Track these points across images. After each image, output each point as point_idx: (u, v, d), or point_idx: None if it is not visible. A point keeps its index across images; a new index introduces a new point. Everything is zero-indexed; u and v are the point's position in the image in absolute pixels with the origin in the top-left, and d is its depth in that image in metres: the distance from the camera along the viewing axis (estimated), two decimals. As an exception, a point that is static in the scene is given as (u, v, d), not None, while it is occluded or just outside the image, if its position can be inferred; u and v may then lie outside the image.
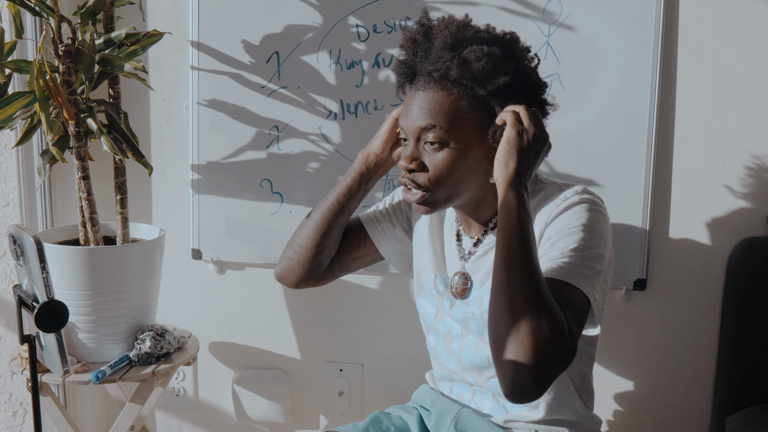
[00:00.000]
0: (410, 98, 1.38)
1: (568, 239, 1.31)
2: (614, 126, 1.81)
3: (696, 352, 1.89)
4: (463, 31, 1.35)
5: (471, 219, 1.46)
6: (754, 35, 1.75)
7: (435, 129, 1.34)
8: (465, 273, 1.48)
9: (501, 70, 1.33)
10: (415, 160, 1.36)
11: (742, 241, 1.78)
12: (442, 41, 1.35)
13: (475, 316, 1.44)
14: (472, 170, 1.36)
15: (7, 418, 2.13)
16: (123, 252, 1.79)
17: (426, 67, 1.35)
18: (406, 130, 1.38)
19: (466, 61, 1.32)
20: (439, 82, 1.34)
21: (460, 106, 1.34)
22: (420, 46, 1.37)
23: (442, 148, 1.34)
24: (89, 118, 1.75)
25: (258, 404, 2.12)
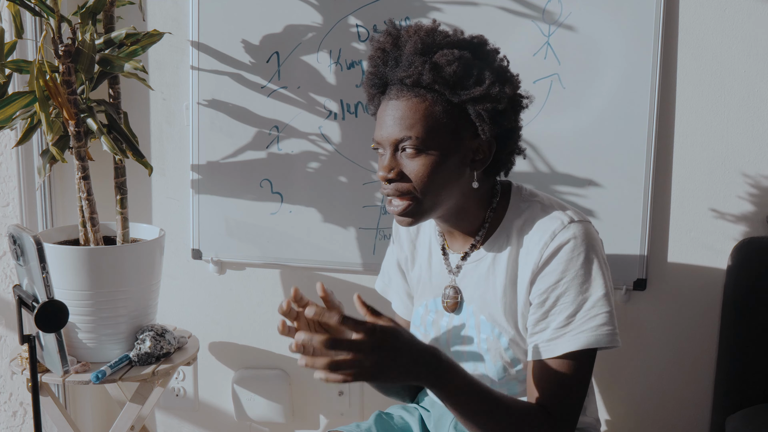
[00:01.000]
0: (383, 109, 1.35)
1: (567, 298, 1.31)
2: (614, 126, 1.81)
3: (696, 352, 1.89)
4: (433, 36, 1.33)
5: (456, 230, 1.43)
6: (754, 35, 1.75)
7: (411, 137, 1.30)
8: (455, 287, 1.45)
9: (472, 75, 1.31)
10: (392, 170, 1.32)
11: (742, 241, 1.78)
12: (412, 47, 1.31)
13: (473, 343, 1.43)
14: (452, 176, 1.34)
15: (7, 418, 2.13)
16: (123, 252, 1.79)
17: (398, 74, 1.32)
18: (381, 141, 1.34)
19: (437, 66, 1.29)
20: (412, 89, 1.31)
21: (434, 112, 1.31)
22: (390, 55, 1.34)
23: (420, 155, 1.31)
24: (89, 118, 1.75)
25: (258, 404, 2.12)
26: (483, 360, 1.42)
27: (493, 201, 1.41)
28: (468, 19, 1.83)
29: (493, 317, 1.40)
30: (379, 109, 1.37)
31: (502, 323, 1.39)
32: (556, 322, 1.32)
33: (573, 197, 1.85)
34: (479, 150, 1.35)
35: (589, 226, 1.36)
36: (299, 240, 2.00)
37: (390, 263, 1.64)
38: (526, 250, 1.36)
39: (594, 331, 1.31)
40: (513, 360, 1.40)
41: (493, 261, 1.40)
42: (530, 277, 1.35)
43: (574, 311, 1.31)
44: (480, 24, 1.83)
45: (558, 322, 1.32)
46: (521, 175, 1.86)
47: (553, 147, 1.85)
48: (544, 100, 1.83)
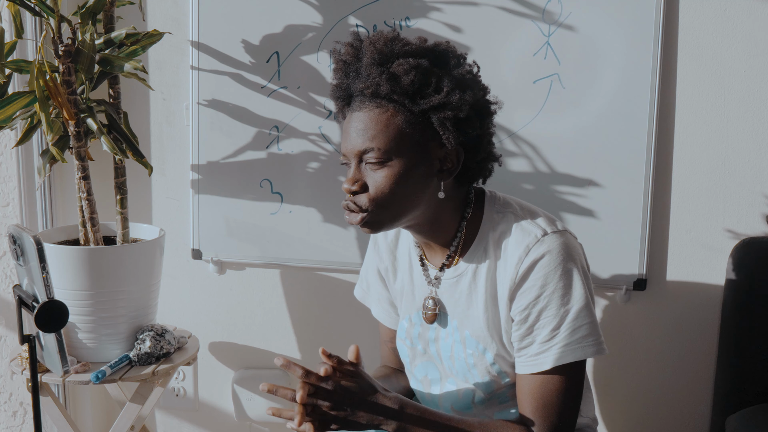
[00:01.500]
0: (348, 121, 1.34)
1: (549, 312, 1.31)
2: (614, 126, 1.81)
3: (696, 352, 1.89)
4: (391, 46, 1.31)
5: (431, 242, 1.41)
6: (754, 35, 1.75)
7: (374, 148, 1.29)
8: (434, 299, 1.44)
9: (431, 83, 1.29)
10: (357, 182, 1.31)
11: (742, 241, 1.78)
12: (369, 58, 1.31)
13: (460, 358, 1.43)
14: (417, 186, 1.31)
15: (7, 418, 2.13)
16: (123, 252, 1.79)
17: (358, 86, 1.32)
18: (346, 153, 1.33)
19: (394, 76, 1.28)
20: (373, 100, 1.30)
21: (396, 122, 1.29)
22: (351, 67, 1.34)
23: (383, 166, 1.30)
24: (89, 118, 1.75)
25: (258, 404, 2.12)
26: (471, 374, 1.42)
27: (466, 210, 1.39)
28: (468, 19, 1.83)
29: (477, 333, 1.39)
30: (345, 121, 1.36)
31: (486, 339, 1.39)
32: (540, 337, 1.32)
33: (573, 197, 1.85)
34: (446, 159, 1.33)
35: (564, 235, 1.33)
36: (299, 240, 2.00)
37: (369, 270, 1.62)
38: (503, 265, 1.35)
39: (579, 344, 1.30)
40: (500, 374, 1.40)
41: (473, 277, 1.39)
42: (508, 294, 1.34)
43: (558, 324, 1.31)
44: (480, 24, 1.83)
45: (542, 337, 1.31)
46: (522, 175, 1.86)
47: (553, 147, 1.85)
48: (544, 100, 1.83)
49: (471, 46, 1.83)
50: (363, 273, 1.65)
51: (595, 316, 1.33)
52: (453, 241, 1.39)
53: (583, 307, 1.31)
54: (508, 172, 1.87)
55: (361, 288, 1.66)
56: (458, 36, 1.84)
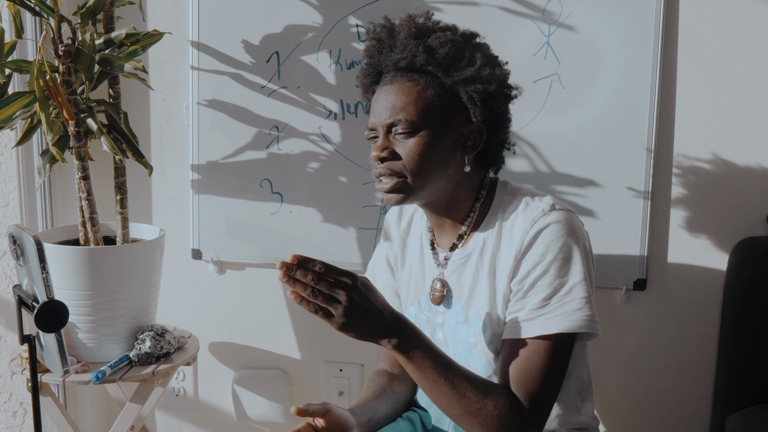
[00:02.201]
0: (377, 96, 1.39)
1: (545, 280, 1.32)
2: (614, 126, 1.81)
3: (696, 352, 1.89)
4: (426, 22, 1.39)
5: (445, 219, 1.45)
6: (754, 35, 1.75)
7: (403, 119, 1.35)
8: (443, 280, 1.46)
9: (464, 57, 1.36)
10: (386, 149, 1.37)
11: (742, 241, 1.78)
12: (406, 32, 1.37)
13: (462, 338, 1.44)
14: (444, 158, 1.37)
15: (7, 418, 2.13)
16: (123, 252, 1.79)
17: (392, 58, 1.37)
18: (375, 125, 1.39)
19: (430, 48, 1.34)
20: (406, 74, 1.36)
21: (426, 95, 1.35)
22: (385, 44, 1.40)
23: (413, 135, 1.35)
24: (89, 118, 1.75)
25: (258, 404, 2.12)
26: (471, 354, 1.43)
27: (480, 193, 1.43)
28: (468, 19, 1.83)
29: (480, 312, 1.41)
30: (374, 97, 1.41)
31: (487, 318, 1.40)
32: (531, 304, 1.32)
33: (573, 197, 1.85)
34: (470, 136, 1.39)
35: (571, 215, 1.37)
36: (299, 240, 2.00)
37: (378, 260, 1.65)
38: (508, 241, 1.38)
39: (569, 316, 1.30)
40: (497, 355, 1.40)
41: (480, 256, 1.41)
42: (513, 265, 1.35)
43: (551, 294, 1.31)
44: (480, 24, 1.82)
45: (533, 304, 1.32)
46: (522, 175, 1.86)
47: (553, 147, 1.85)
48: (544, 100, 1.83)
49: (471, 46, 1.83)
50: (371, 265, 1.68)
51: (591, 294, 1.33)
52: (465, 222, 1.43)
53: (579, 282, 1.31)
54: (508, 173, 1.87)
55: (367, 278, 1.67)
56: (458, 36, 1.84)
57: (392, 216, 1.63)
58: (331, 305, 1.20)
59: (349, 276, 1.21)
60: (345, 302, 1.20)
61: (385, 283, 1.63)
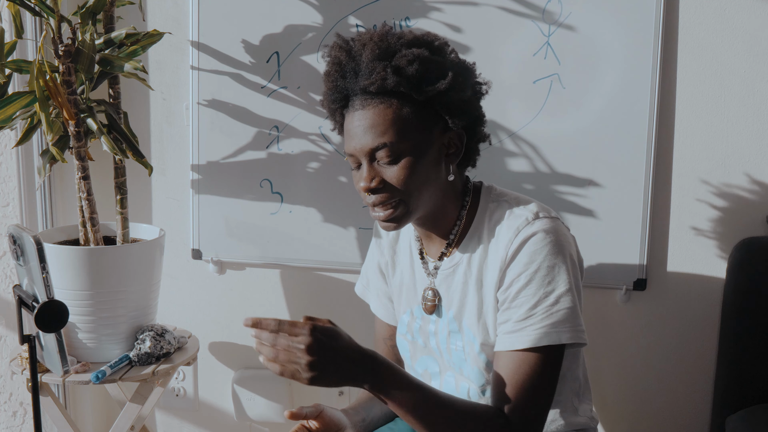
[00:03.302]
0: (350, 121, 1.34)
1: (529, 290, 1.30)
2: (614, 126, 1.81)
3: (696, 352, 1.89)
4: (387, 40, 1.32)
5: (432, 233, 1.43)
6: (754, 35, 1.75)
7: (385, 144, 1.30)
8: (434, 289, 1.45)
9: (434, 70, 1.31)
10: (374, 179, 1.32)
11: (742, 241, 1.78)
12: (369, 54, 1.31)
13: (457, 348, 1.43)
14: (432, 173, 1.34)
15: (7, 418, 2.13)
16: (123, 252, 1.79)
17: (360, 84, 1.31)
18: (356, 154, 1.34)
19: (398, 69, 1.29)
20: (377, 96, 1.31)
21: (402, 114, 1.30)
22: (347, 67, 1.33)
23: (398, 160, 1.31)
24: (89, 118, 1.75)
25: (258, 404, 2.12)
26: (465, 365, 1.42)
27: (465, 199, 1.41)
28: (468, 19, 1.83)
29: (470, 322, 1.40)
30: (346, 122, 1.36)
31: (476, 328, 1.39)
32: (516, 315, 1.31)
33: (573, 197, 1.85)
34: (451, 143, 1.36)
35: (556, 222, 1.35)
36: (299, 240, 2.00)
37: (370, 266, 1.63)
38: (494, 251, 1.36)
39: (555, 328, 1.29)
40: (487, 364, 1.40)
41: (467, 266, 1.40)
42: (498, 275, 1.34)
43: (535, 304, 1.30)
44: (480, 24, 1.83)
45: (518, 315, 1.31)
46: (522, 175, 1.86)
47: (553, 147, 1.85)
48: (544, 100, 1.83)
49: (471, 46, 1.83)
50: (364, 269, 1.66)
51: (577, 304, 1.32)
52: (452, 231, 1.41)
53: (564, 292, 1.30)
54: (508, 172, 1.87)
55: (361, 284, 1.67)
56: (458, 36, 1.84)
57: None
58: (295, 362, 1.17)
59: (305, 328, 1.18)
60: (305, 359, 1.17)
61: (378, 289, 1.62)
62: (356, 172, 1.37)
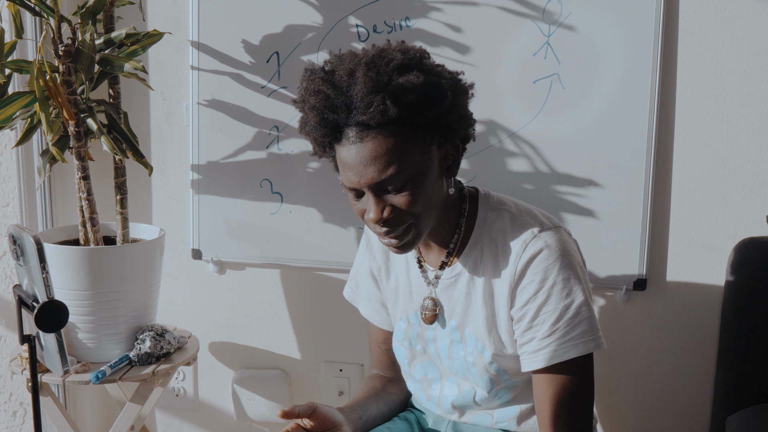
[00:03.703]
0: (347, 155, 1.29)
1: (549, 306, 1.31)
2: (614, 126, 1.81)
3: (696, 352, 1.89)
4: (377, 68, 1.26)
5: (432, 242, 1.42)
6: (754, 35, 1.75)
7: (392, 175, 1.27)
8: (434, 299, 1.45)
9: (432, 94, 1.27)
10: (385, 209, 1.30)
11: (742, 241, 1.78)
12: (363, 87, 1.25)
13: (459, 357, 1.43)
14: (435, 190, 1.33)
15: (7, 418, 2.13)
16: (123, 252, 1.79)
17: (357, 118, 1.25)
18: (360, 187, 1.30)
19: (397, 99, 1.24)
20: (374, 127, 1.26)
21: (402, 142, 1.27)
22: (336, 101, 1.27)
23: (405, 187, 1.29)
24: (89, 118, 1.75)
25: (258, 404, 2.12)
26: (471, 372, 1.42)
27: (462, 207, 1.40)
28: (468, 19, 1.83)
29: (476, 332, 1.40)
30: (340, 154, 1.31)
31: (485, 337, 1.39)
32: (540, 333, 1.32)
33: (573, 197, 1.85)
34: (448, 156, 1.34)
35: (560, 232, 1.35)
36: (299, 240, 2.00)
37: (360, 270, 1.61)
38: (500, 263, 1.36)
39: (580, 338, 1.31)
40: (498, 372, 1.40)
41: (471, 276, 1.39)
42: (508, 290, 1.34)
43: (557, 319, 1.31)
44: (480, 24, 1.83)
45: (542, 333, 1.32)
46: (522, 175, 1.86)
47: (553, 147, 1.85)
48: (544, 100, 1.83)
49: (471, 46, 1.83)
50: (353, 273, 1.65)
51: (593, 311, 1.34)
52: (452, 240, 1.40)
53: (582, 303, 1.31)
54: (508, 172, 1.87)
55: (350, 288, 1.66)
56: (458, 36, 1.84)
57: None
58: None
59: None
60: None
61: (369, 293, 1.60)
62: (357, 202, 1.33)
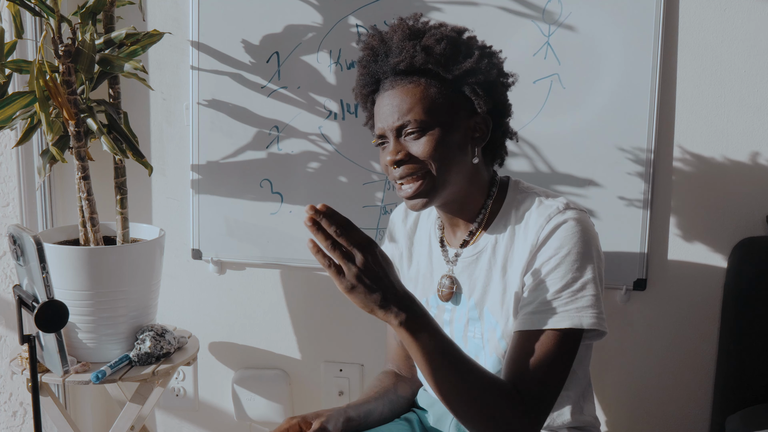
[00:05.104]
0: (380, 103, 1.40)
1: (557, 273, 1.32)
2: (614, 126, 1.81)
3: (696, 352, 1.89)
4: (417, 23, 1.41)
5: (457, 218, 1.45)
6: (754, 35, 1.75)
7: (412, 120, 1.35)
8: (451, 277, 1.47)
9: (461, 51, 1.38)
10: (400, 152, 1.37)
11: (742, 241, 1.78)
12: (400, 35, 1.38)
13: (476, 336, 1.44)
14: (457, 153, 1.38)
15: (7, 418, 2.13)
16: (123, 252, 1.79)
17: (390, 63, 1.38)
18: (384, 131, 1.39)
19: (427, 47, 1.36)
20: (406, 76, 1.37)
21: (430, 93, 1.36)
22: (379, 51, 1.41)
23: (424, 134, 1.36)
24: (89, 118, 1.75)
25: (258, 404, 2.12)
26: (483, 352, 1.43)
27: (492, 191, 1.45)
28: (468, 19, 1.82)
29: (492, 309, 1.41)
30: (376, 105, 1.42)
31: (499, 314, 1.40)
32: (542, 296, 1.33)
33: (573, 197, 1.85)
34: (477, 127, 1.40)
35: (585, 215, 1.38)
36: (299, 240, 2.00)
37: None
38: (522, 238, 1.39)
39: (578, 312, 1.31)
40: (506, 351, 1.40)
41: (492, 253, 1.42)
42: (527, 258, 1.36)
43: (563, 287, 1.32)
44: (480, 24, 1.82)
45: (543, 297, 1.32)
46: (522, 175, 1.86)
47: (553, 147, 1.85)
48: (544, 100, 1.83)
49: (471, 46, 1.83)
50: None
51: (600, 294, 1.34)
52: (477, 218, 1.44)
53: (591, 280, 1.32)
54: (508, 172, 1.86)
55: None
56: (458, 36, 1.84)
57: (397, 215, 1.63)
58: (346, 263, 1.17)
59: (370, 241, 1.19)
60: (360, 263, 1.17)
61: None
62: (383, 152, 1.41)
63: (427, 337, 1.23)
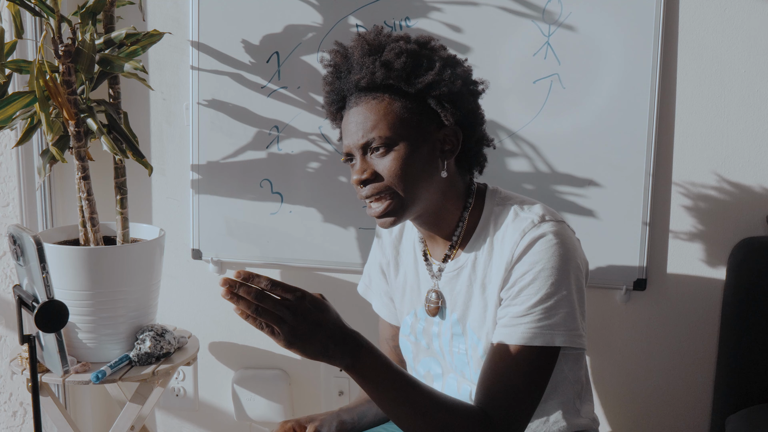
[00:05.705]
0: (346, 119, 1.38)
1: (531, 289, 1.30)
2: (614, 126, 1.81)
3: (696, 352, 1.89)
4: (377, 38, 1.37)
5: (435, 234, 1.43)
6: (754, 35, 1.75)
7: (377, 137, 1.33)
8: (437, 291, 1.45)
9: (422, 63, 1.34)
10: (365, 171, 1.34)
11: (742, 241, 1.78)
12: (360, 51, 1.35)
13: (460, 351, 1.43)
14: (425, 168, 1.35)
15: (7, 418, 2.13)
16: (123, 252, 1.79)
17: (352, 80, 1.35)
18: (350, 149, 1.37)
19: (387, 62, 1.33)
20: (368, 93, 1.35)
21: (394, 109, 1.33)
22: (341, 68, 1.38)
23: (389, 152, 1.33)
24: (89, 118, 1.75)
25: (258, 404, 2.12)
26: (468, 368, 1.42)
27: (468, 201, 1.41)
28: (468, 19, 1.83)
29: (473, 326, 1.40)
30: (343, 121, 1.40)
31: (480, 331, 1.39)
32: (515, 311, 1.31)
33: (573, 197, 1.85)
34: (446, 140, 1.37)
35: (562, 225, 1.35)
36: (299, 240, 2.00)
37: (372, 265, 1.64)
38: (499, 253, 1.36)
39: (549, 330, 1.29)
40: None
41: (472, 268, 1.40)
42: (503, 275, 1.34)
43: (536, 302, 1.30)
44: (480, 24, 1.83)
45: (517, 311, 1.31)
46: (522, 175, 1.86)
47: (553, 147, 1.85)
48: (544, 100, 1.83)
49: (471, 46, 1.83)
50: (366, 269, 1.67)
51: (576, 309, 1.31)
52: (455, 233, 1.41)
53: (565, 297, 1.30)
54: (508, 172, 1.87)
55: (363, 283, 1.68)
56: (458, 36, 1.84)
57: None
58: (277, 323, 1.17)
59: (297, 294, 1.17)
60: (290, 321, 1.17)
61: (380, 289, 1.62)
62: (352, 170, 1.38)
63: (376, 375, 1.23)
